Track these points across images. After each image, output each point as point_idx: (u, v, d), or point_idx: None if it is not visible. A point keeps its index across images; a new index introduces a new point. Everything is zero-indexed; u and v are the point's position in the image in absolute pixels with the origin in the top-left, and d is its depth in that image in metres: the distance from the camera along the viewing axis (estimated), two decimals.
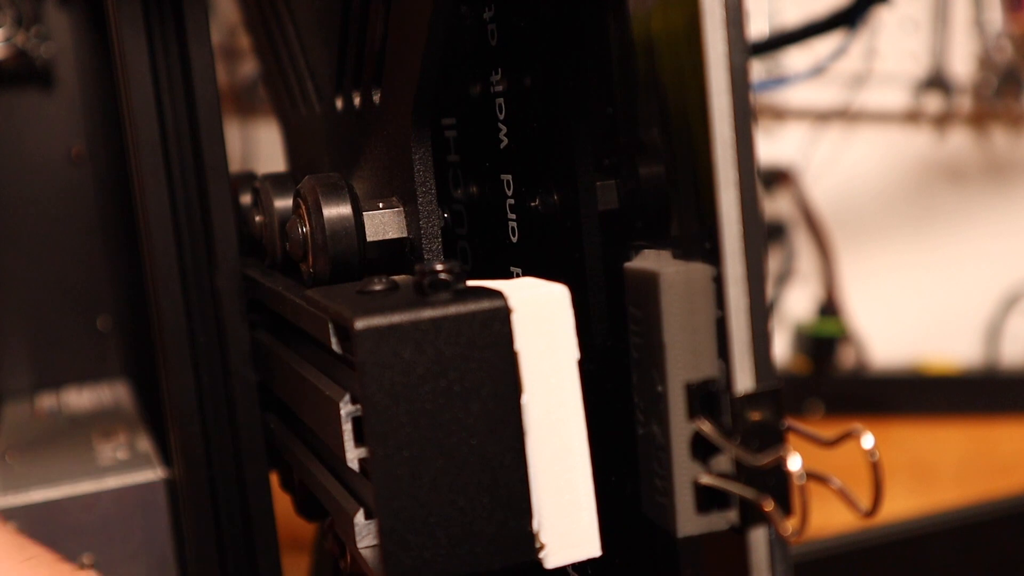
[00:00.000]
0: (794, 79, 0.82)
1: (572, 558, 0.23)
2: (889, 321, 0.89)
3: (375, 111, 0.29)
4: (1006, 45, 0.87)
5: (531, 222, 0.27)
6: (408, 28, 0.26)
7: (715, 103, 0.20)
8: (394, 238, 0.28)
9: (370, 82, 0.29)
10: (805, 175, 0.87)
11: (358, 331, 0.21)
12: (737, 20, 0.19)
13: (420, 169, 0.27)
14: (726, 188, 0.20)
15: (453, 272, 0.22)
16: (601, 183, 0.24)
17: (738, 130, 0.20)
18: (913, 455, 0.78)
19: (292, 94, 0.37)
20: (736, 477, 0.21)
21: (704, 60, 0.20)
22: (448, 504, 0.22)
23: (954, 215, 0.90)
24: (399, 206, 0.28)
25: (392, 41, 0.27)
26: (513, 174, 0.27)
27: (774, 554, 0.21)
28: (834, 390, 0.86)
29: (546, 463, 0.22)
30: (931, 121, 0.89)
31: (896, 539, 0.57)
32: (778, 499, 0.20)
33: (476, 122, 0.28)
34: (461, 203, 0.30)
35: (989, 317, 0.90)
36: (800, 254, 0.88)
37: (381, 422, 0.21)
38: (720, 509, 0.21)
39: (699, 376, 0.21)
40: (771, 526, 0.20)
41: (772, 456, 0.20)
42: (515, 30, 0.26)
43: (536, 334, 0.22)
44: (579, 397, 0.23)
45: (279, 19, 0.37)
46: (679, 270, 0.21)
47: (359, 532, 0.23)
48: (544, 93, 0.25)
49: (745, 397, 0.20)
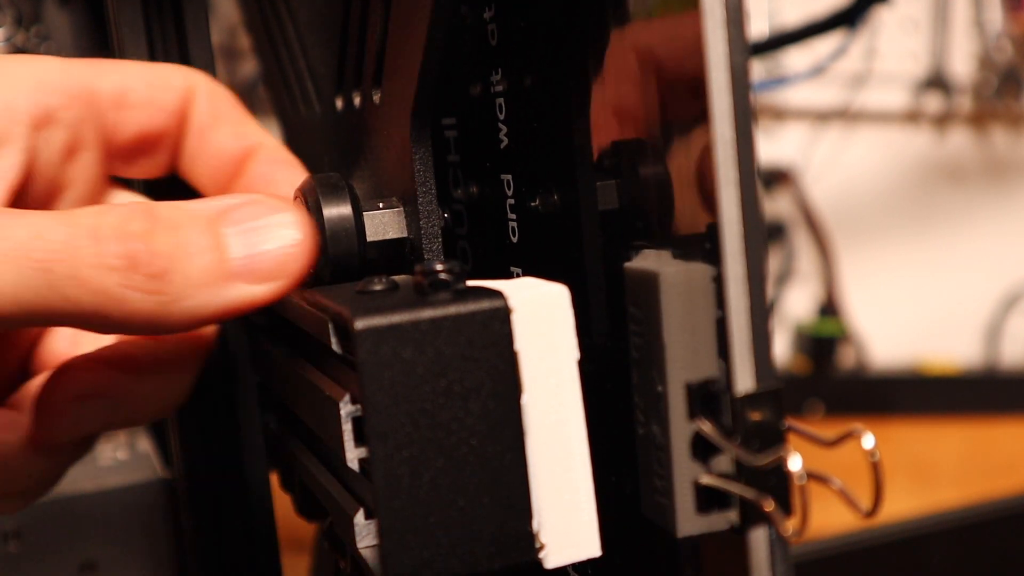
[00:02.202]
0: (794, 79, 0.82)
1: (572, 558, 0.23)
2: (889, 321, 0.89)
3: (375, 111, 0.29)
4: (1006, 45, 0.87)
5: (531, 222, 0.27)
6: (408, 28, 0.26)
7: (716, 103, 0.20)
8: (394, 238, 0.28)
9: (370, 82, 0.29)
10: (805, 175, 0.87)
11: (358, 331, 0.21)
12: (737, 20, 0.19)
13: (420, 169, 0.27)
14: (726, 187, 0.20)
15: (453, 272, 0.22)
16: (601, 183, 0.24)
17: (738, 130, 0.20)
18: (913, 455, 0.78)
19: (292, 94, 0.37)
20: (736, 477, 0.21)
21: (704, 60, 0.20)
22: (448, 504, 0.22)
23: (954, 215, 0.90)
24: (399, 206, 0.28)
25: (392, 41, 0.27)
26: (513, 174, 0.27)
27: (774, 554, 0.21)
28: (834, 390, 0.86)
29: (546, 463, 0.22)
30: (931, 121, 0.89)
31: (896, 539, 0.57)
32: (778, 499, 0.20)
33: (476, 122, 0.28)
34: (461, 203, 0.30)
35: (989, 317, 0.90)
36: (800, 254, 0.89)
37: (381, 422, 0.21)
38: (720, 509, 0.21)
39: (699, 376, 0.21)
40: (771, 526, 0.20)
41: (772, 456, 0.20)
42: (515, 30, 0.26)
43: (536, 334, 0.22)
44: (579, 397, 0.23)
45: (279, 19, 0.37)
46: (679, 270, 0.21)
47: (359, 532, 0.23)
48: (544, 93, 0.25)
49: (745, 397, 0.20)
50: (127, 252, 0.23)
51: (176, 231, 0.24)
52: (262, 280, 0.24)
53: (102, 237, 0.23)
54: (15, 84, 0.27)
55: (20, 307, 0.23)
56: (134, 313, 0.23)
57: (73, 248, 0.23)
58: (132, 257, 0.23)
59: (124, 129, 0.29)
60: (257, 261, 0.24)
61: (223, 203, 0.25)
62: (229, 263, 0.24)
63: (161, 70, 0.29)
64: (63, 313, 0.23)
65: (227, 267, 0.24)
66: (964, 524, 0.58)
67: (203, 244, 0.24)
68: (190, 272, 0.24)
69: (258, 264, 0.24)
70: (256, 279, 0.24)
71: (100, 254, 0.23)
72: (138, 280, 0.23)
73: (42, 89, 0.27)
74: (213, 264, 0.24)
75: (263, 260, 0.24)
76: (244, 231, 0.24)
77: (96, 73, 0.28)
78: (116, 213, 0.24)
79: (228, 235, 0.24)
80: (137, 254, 0.23)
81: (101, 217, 0.23)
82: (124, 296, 0.23)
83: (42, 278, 0.23)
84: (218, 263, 0.24)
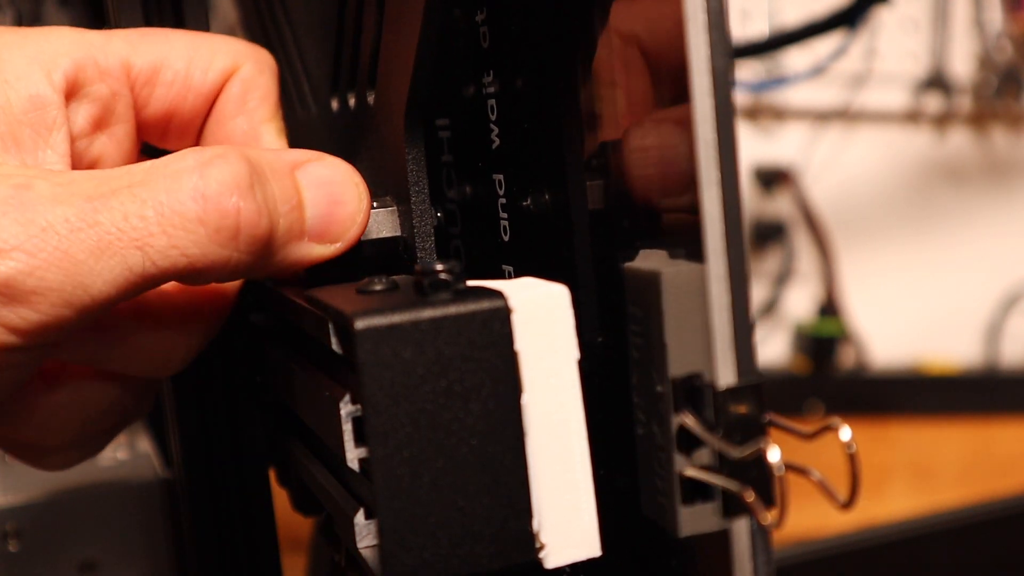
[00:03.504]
0: (794, 79, 0.82)
1: (572, 558, 0.23)
2: (889, 321, 0.89)
3: (369, 112, 0.29)
4: (1006, 45, 0.87)
5: (522, 221, 0.27)
6: (401, 30, 0.26)
7: (698, 105, 0.20)
8: (388, 237, 0.28)
9: (364, 83, 0.29)
10: (805, 175, 0.87)
11: (358, 331, 0.21)
12: (719, 24, 0.20)
13: (413, 169, 0.27)
14: (708, 188, 0.20)
15: (453, 272, 0.22)
16: (590, 183, 0.24)
17: (720, 132, 0.20)
18: (913, 455, 0.78)
19: (288, 95, 0.37)
20: (719, 469, 0.21)
21: (687, 63, 0.20)
22: (448, 504, 0.22)
23: (954, 215, 0.90)
24: (393, 205, 0.28)
25: (386, 43, 0.27)
26: (505, 174, 0.27)
27: (756, 544, 0.21)
28: (834, 390, 0.86)
29: (546, 463, 0.22)
30: (931, 121, 0.90)
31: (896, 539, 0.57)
32: (759, 490, 0.21)
33: (469, 123, 0.28)
34: (454, 202, 0.30)
35: (989, 317, 0.90)
36: (800, 254, 0.89)
37: (381, 422, 0.21)
38: (703, 501, 0.21)
39: (685, 371, 0.21)
40: (752, 516, 0.21)
41: (753, 448, 0.21)
42: (507, 33, 0.26)
43: (536, 334, 0.22)
44: (579, 397, 0.23)
45: (276, 21, 0.37)
46: (679, 270, 0.21)
47: (359, 532, 0.23)
48: (535, 94, 0.25)
49: (727, 391, 0.21)
50: (232, 217, 0.24)
51: (268, 184, 0.25)
52: (330, 241, 0.26)
53: (208, 195, 0.24)
54: (54, 61, 0.27)
55: (119, 290, 0.23)
56: (227, 268, 0.24)
57: (168, 221, 0.23)
58: (235, 220, 0.24)
59: (154, 104, 0.29)
60: (328, 224, 0.26)
61: (296, 155, 0.26)
62: (306, 223, 0.26)
63: (209, 47, 0.29)
64: (157, 281, 0.24)
65: (304, 227, 0.26)
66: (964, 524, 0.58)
67: (289, 200, 0.25)
68: (278, 233, 0.25)
69: (329, 227, 0.26)
70: (326, 240, 0.26)
71: (203, 220, 0.23)
72: (241, 241, 0.24)
73: (76, 63, 0.27)
74: (295, 224, 0.25)
75: (333, 223, 0.26)
76: (318, 188, 0.26)
77: (134, 44, 0.28)
78: (221, 165, 0.24)
79: (305, 190, 0.26)
80: (242, 216, 0.24)
81: (206, 170, 0.24)
82: (219, 255, 0.24)
83: (139, 255, 0.23)
84: (299, 223, 0.25)
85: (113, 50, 0.28)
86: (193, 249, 0.23)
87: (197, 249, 0.23)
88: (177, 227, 0.23)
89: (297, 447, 0.30)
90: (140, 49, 0.28)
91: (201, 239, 0.23)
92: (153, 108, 0.29)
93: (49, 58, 0.27)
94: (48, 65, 0.26)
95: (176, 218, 0.23)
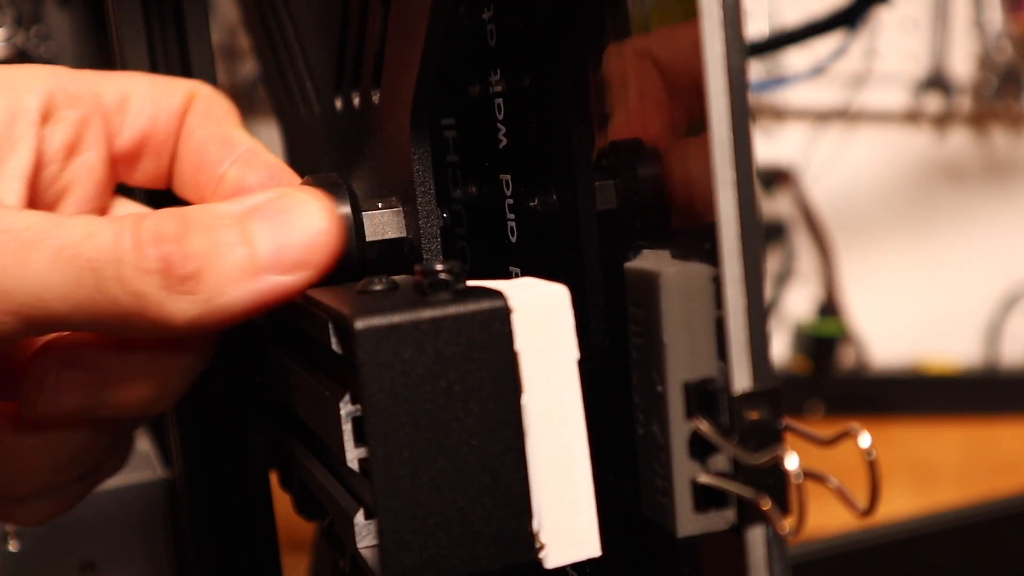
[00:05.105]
0: (794, 79, 0.82)
1: (572, 558, 0.23)
2: (889, 321, 0.89)
3: (374, 111, 0.29)
4: (1006, 45, 0.87)
5: (530, 222, 0.27)
6: (407, 28, 0.26)
7: (713, 104, 0.20)
8: (393, 238, 0.28)
9: (369, 82, 0.29)
10: (805, 175, 0.87)
11: (358, 331, 0.21)
12: (735, 21, 0.19)
13: (419, 169, 0.27)
14: (724, 188, 0.20)
15: (453, 272, 0.22)
16: (599, 183, 0.24)
17: (735, 131, 0.20)
18: (913, 455, 0.78)
19: (291, 94, 0.37)
20: (734, 476, 0.21)
21: (702, 61, 0.20)
22: (448, 504, 0.22)
23: (954, 215, 0.90)
24: (398, 206, 0.28)
25: (391, 41, 0.27)
26: (512, 174, 0.27)
27: (772, 553, 0.21)
28: (834, 390, 0.86)
29: (546, 463, 0.22)
30: (931, 121, 0.90)
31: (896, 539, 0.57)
32: (776, 498, 0.20)
33: (475, 122, 0.28)
34: (460, 203, 0.30)
35: (989, 317, 0.90)
36: (800, 254, 0.89)
37: (381, 422, 0.21)
38: (718, 508, 0.21)
39: (697, 375, 0.21)
40: (769, 525, 0.20)
41: (769, 455, 0.20)
42: (514, 31, 0.26)
43: (536, 334, 0.22)
44: (579, 397, 0.23)
45: (279, 19, 0.37)
46: (679, 270, 0.21)
47: (359, 532, 0.23)
48: (542, 93, 0.25)
49: (743, 396, 0.20)
50: (163, 255, 0.24)
51: (207, 232, 0.24)
52: (292, 270, 0.25)
53: (141, 240, 0.24)
54: (27, 85, 0.28)
55: (71, 307, 0.24)
56: (173, 314, 0.24)
57: (118, 250, 0.24)
58: (167, 259, 0.24)
59: (127, 131, 0.30)
60: (285, 252, 0.25)
61: (251, 201, 0.25)
62: (258, 257, 0.25)
63: (167, 80, 0.30)
64: (107, 314, 0.24)
65: (257, 261, 0.25)
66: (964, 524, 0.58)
67: (233, 241, 0.24)
68: (222, 270, 0.24)
69: (287, 254, 0.25)
70: (286, 269, 0.25)
71: (140, 256, 0.24)
72: (175, 281, 0.24)
73: (48, 90, 0.28)
74: (244, 259, 0.24)
75: (291, 250, 0.25)
76: (272, 225, 0.25)
77: (102, 78, 0.29)
78: (151, 217, 0.24)
79: (256, 230, 0.25)
80: (172, 256, 0.24)
81: (138, 221, 0.24)
82: (162, 298, 0.24)
83: (92, 279, 0.24)
84: (248, 258, 0.25)
85: (84, 81, 0.29)
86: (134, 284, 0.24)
87: (136, 286, 0.24)
88: (120, 262, 0.24)
89: (298, 448, 0.30)
90: (108, 83, 0.29)
91: (142, 277, 0.24)
92: (127, 135, 0.30)
93: (23, 83, 0.28)
94: (22, 89, 0.27)
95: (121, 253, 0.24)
